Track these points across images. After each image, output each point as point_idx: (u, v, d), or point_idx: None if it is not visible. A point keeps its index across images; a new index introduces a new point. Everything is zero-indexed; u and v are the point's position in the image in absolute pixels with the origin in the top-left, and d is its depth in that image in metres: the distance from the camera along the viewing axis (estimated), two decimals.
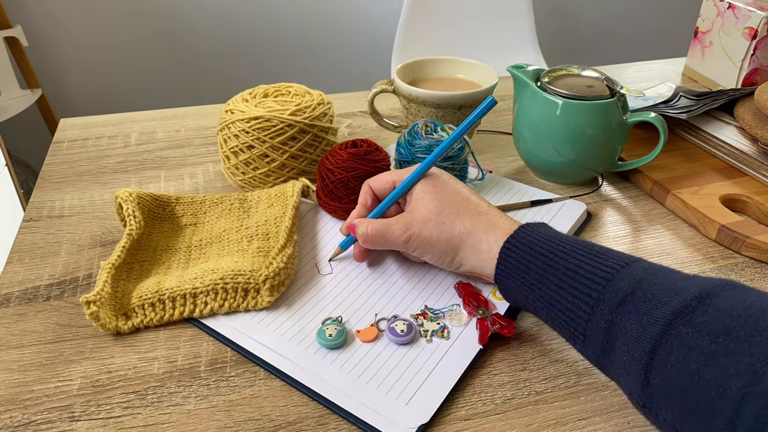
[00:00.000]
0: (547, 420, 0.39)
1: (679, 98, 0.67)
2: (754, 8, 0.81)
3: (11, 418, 0.38)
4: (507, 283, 0.42)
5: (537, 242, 0.41)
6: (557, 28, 2.13)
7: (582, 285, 0.37)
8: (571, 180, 0.65)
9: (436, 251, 0.45)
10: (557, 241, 0.40)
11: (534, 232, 0.42)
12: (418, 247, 0.45)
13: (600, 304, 0.35)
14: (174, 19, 1.78)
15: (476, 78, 0.72)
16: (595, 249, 0.39)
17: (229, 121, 0.58)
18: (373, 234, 0.47)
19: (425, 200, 0.46)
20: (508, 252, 0.42)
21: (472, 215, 0.44)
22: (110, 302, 0.46)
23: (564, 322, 0.38)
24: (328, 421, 0.38)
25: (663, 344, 0.32)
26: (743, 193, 0.61)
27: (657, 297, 0.33)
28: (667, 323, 0.32)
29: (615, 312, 0.34)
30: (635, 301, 0.34)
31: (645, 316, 0.33)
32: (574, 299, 0.37)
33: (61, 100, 1.82)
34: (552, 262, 0.39)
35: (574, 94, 0.59)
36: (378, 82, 0.68)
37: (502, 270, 0.42)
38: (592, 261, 0.37)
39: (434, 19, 1.71)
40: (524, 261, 0.41)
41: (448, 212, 0.45)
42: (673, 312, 0.32)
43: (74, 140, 0.74)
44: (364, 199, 0.50)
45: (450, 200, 0.46)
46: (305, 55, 1.95)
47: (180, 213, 0.57)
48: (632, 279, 0.35)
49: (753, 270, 0.53)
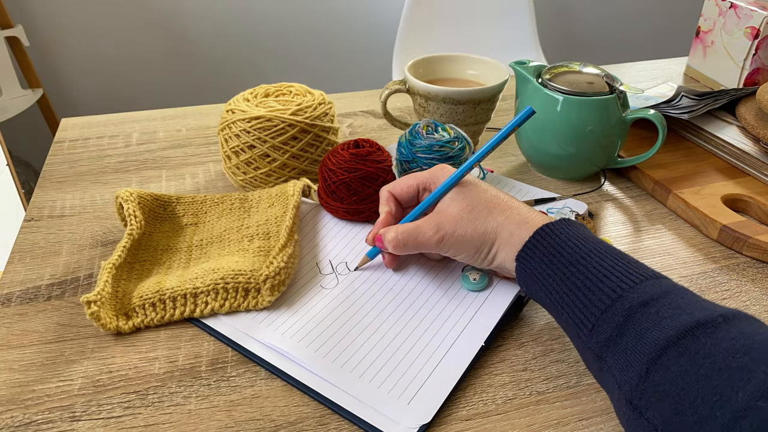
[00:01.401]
0: (549, 420, 0.39)
1: (680, 98, 0.67)
2: (756, 8, 0.80)
3: (12, 418, 0.38)
4: (529, 263, 0.41)
5: (575, 236, 0.40)
6: (558, 28, 2.12)
7: (609, 281, 0.36)
8: (571, 175, 0.65)
9: (470, 248, 0.44)
10: (594, 241, 0.40)
11: (573, 227, 0.41)
12: (452, 246, 0.45)
13: (622, 300, 0.35)
14: (175, 19, 1.78)
15: (486, 74, 0.72)
16: (630, 258, 0.39)
17: (231, 121, 0.58)
18: (404, 238, 0.46)
19: (454, 200, 0.45)
20: (543, 235, 0.41)
21: (504, 210, 0.44)
22: (111, 302, 0.46)
23: (578, 309, 0.37)
24: (329, 421, 0.38)
25: (676, 346, 0.31)
26: (745, 193, 0.61)
27: (682, 307, 0.33)
28: (687, 329, 0.32)
29: (636, 310, 0.34)
30: (659, 306, 0.34)
31: (666, 319, 0.33)
32: (597, 290, 0.36)
33: (62, 100, 1.82)
34: (585, 254, 0.39)
35: (574, 91, 0.59)
36: (390, 82, 0.68)
37: (529, 248, 0.41)
38: (625, 265, 0.37)
39: (435, 18, 1.70)
40: (557, 246, 0.40)
41: (480, 209, 0.44)
42: (696, 322, 0.32)
43: (75, 140, 0.74)
44: (388, 207, 0.49)
45: (480, 198, 0.45)
46: (306, 54, 1.95)
47: (181, 213, 0.57)
48: (660, 288, 0.35)
49: (754, 270, 0.53)
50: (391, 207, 0.49)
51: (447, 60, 0.73)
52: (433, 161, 0.56)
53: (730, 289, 0.50)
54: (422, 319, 0.45)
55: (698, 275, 0.52)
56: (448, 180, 0.47)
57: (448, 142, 0.56)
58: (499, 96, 0.67)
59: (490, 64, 0.71)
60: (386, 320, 0.45)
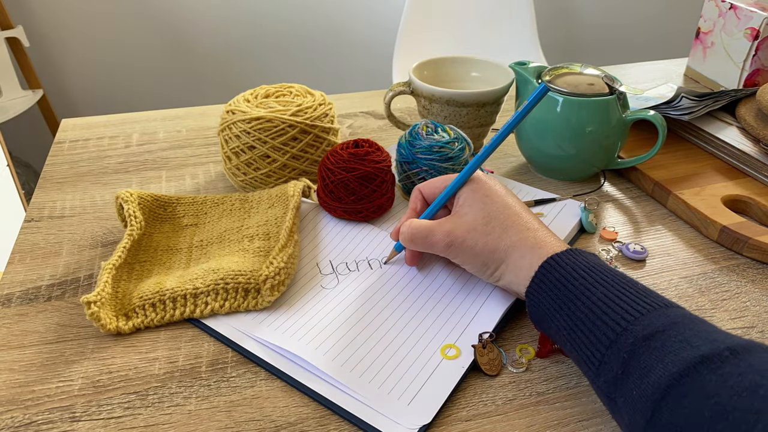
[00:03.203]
0: (549, 421, 0.39)
1: (680, 99, 0.67)
2: (756, 9, 0.80)
3: (12, 419, 0.38)
4: (538, 299, 0.40)
5: (581, 266, 0.39)
6: (558, 29, 2.13)
7: (614, 312, 0.35)
8: (571, 176, 0.65)
9: (477, 262, 0.43)
10: (601, 270, 0.39)
11: (581, 256, 0.40)
12: (459, 255, 0.44)
13: (626, 334, 0.34)
14: (175, 19, 1.78)
15: (491, 77, 0.72)
16: (639, 286, 0.37)
17: (231, 122, 0.58)
18: (414, 234, 0.45)
19: (473, 207, 0.44)
20: (548, 268, 0.39)
21: (520, 231, 0.42)
22: (111, 302, 0.46)
23: (584, 345, 0.36)
24: (329, 421, 0.38)
25: (680, 385, 0.30)
26: (745, 194, 0.61)
27: (688, 340, 0.32)
28: (691, 365, 0.30)
29: (639, 344, 0.33)
30: (663, 339, 0.32)
31: (669, 354, 0.31)
32: (602, 324, 0.35)
33: (62, 101, 1.82)
34: (590, 285, 0.37)
35: (574, 92, 0.59)
36: (394, 84, 0.68)
37: (536, 284, 0.40)
38: (632, 294, 0.36)
39: (435, 19, 1.70)
40: (562, 279, 0.39)
41: (495, 224, 0.43)
42: (701, 356, 0.30)
43: (75, 141, 0.74)
44: (414, 204, 0.49)
45: (500, 212, 0.43)
46: (306, 55, 1.95)
47: (181, 213, 0.57)
48: (667, 319, 0.34)
49: (754, 271, 0.53)
50: (417, 205, 0.49)
51: (451, 62, 0.74)
52: (433, 162, 0.56)
53: (730, 290, 0.50)
54: (422, 319, 0.45)
55: (698, 276, 0.52)
56: (456, 179, 0.46)
57: (448, 143, 0.56)
58: (503, 98, 0.67)
59: (495, 66, 0.71)
60: (386, 320, 0.45)
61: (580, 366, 0.37)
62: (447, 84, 0.73)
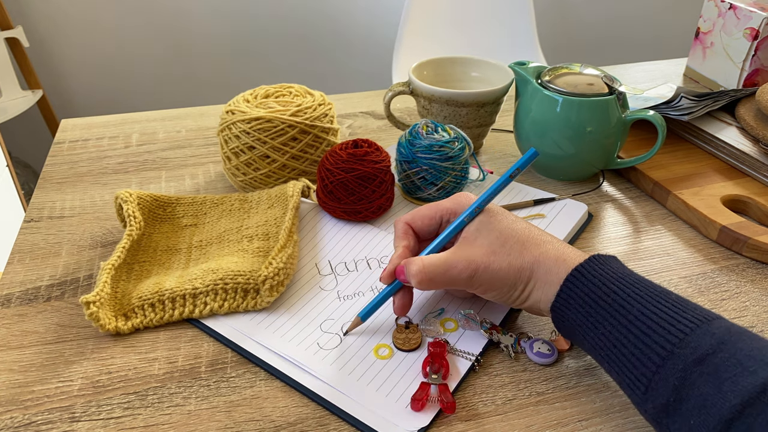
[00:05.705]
0: (548, 421, 0.39)
1: (680, 99, 0.67)
2: (756, 9, 0.81)
3: (12, 419, 0.38)
4: (566, 314, 0.38)
5: (610, 277, 0.37)
6: (558, 29, 2.13)
7: (655, 333, 0.34)
8: (571, 176, 0.65)
9: (504, 285, 0.40)
10: (631, 280, 0.37)
11: (605, 265, 0.38)
12: (484, 283, 0.41)
13: (673, 358, 0.32)
14: (175, 19, 1.78)
15: (491, 77, 0.72)
16: (672, 297, 0.36)
17: (230, 122, 0.58)
18: (431, 272, 0.41)
19: (482, 232, 0.42)
20: (575, 281, 0.38)
21: (538, 244, 0.41)
22: (110, 303, 0.46)
23: (627, 368, 0.35)
24: (329, 422, 0.38)
25: (744, 417, 0.29)
26: (744, 194, 0.61)
27: (742, 363, 0.31)
28: (754, 395, 0.29)
29: (690, 370, 0.32)
30: (716, 363, 0.31)
31: (727, 382, 0.30)
32: (645, 346, 0.34)
33: (61, 101, 1.82)
34: (624, 302, 0.36)
35: (573, 92, 0.59)
36: (394, 84, 0.68)
37: (563, 299, 0.38)
38: (670, 310, 0.35)
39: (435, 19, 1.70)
40: (592, 294, 0.37)
41: (512, 243, 0.41)
42: (763, 385, 0.29)
43: (75, 141, 0.74)
44: (406, 241, 0.44)
45: (511, 230, 0.41)
46: (306, 55, 1.95)
47: (180, 214, 0.57)
48: (714, 338, 0.32)
49: (754, 271, 0.53)
50: (409, 241, 0.44)
51: (451, 62, 0.73)
52: (433, 161, 0.56)
53: (730, 290, 0.50)
54: (421, 320, 0.45)
55: (698, 276, 0.52)
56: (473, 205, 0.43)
57: (447, 142, 0.56)
58: (503, 98, 0.67)
59: (494, 66, 0.71)
60: (384, 322, 0.45)
61: (623, 388, 0.36)
62: (447, 84, 0.73)
